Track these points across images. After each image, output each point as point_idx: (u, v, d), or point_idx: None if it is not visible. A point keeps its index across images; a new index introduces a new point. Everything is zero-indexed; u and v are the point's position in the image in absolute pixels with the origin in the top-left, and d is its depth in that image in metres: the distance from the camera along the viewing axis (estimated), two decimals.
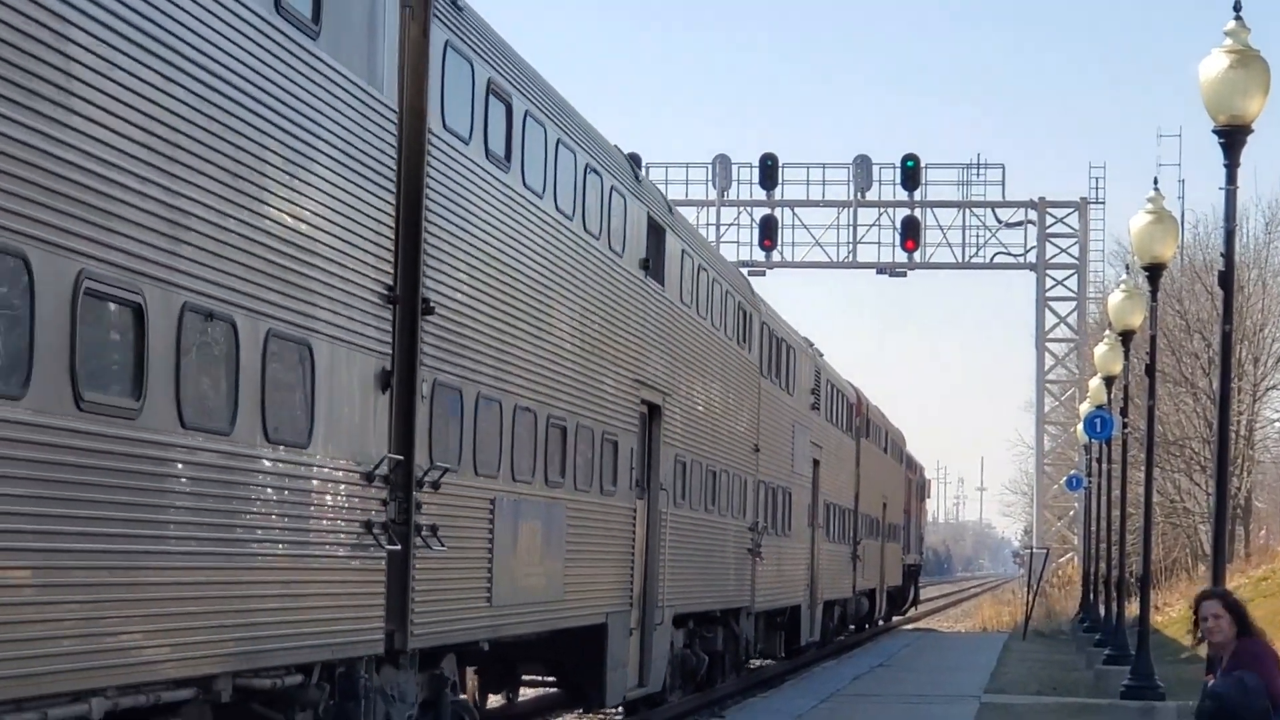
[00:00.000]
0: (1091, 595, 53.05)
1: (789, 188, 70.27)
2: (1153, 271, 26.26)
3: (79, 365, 10.48)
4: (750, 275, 51.27)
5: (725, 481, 30.31)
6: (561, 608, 20.49)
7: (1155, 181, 25.82)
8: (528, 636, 19.94)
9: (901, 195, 69.82)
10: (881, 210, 70.67)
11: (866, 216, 70.71)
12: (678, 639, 27.48)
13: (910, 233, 69.43)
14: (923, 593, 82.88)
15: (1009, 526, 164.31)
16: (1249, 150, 17.54)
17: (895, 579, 62.60)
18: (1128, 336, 32.05)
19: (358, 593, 14.60)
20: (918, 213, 70.01)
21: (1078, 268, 73.87)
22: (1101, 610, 47.26)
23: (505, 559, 18.14)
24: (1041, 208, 73.06)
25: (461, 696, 18.70)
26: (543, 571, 19.64)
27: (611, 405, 22.52)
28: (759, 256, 69.67)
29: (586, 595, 21.57)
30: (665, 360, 25.56)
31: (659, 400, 25.05)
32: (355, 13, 14.42)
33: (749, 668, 36.09)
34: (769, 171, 69.01)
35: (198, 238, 11.86)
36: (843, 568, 46.94)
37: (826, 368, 44.08)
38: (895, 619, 66.08)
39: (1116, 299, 31.99)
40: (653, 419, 24.87)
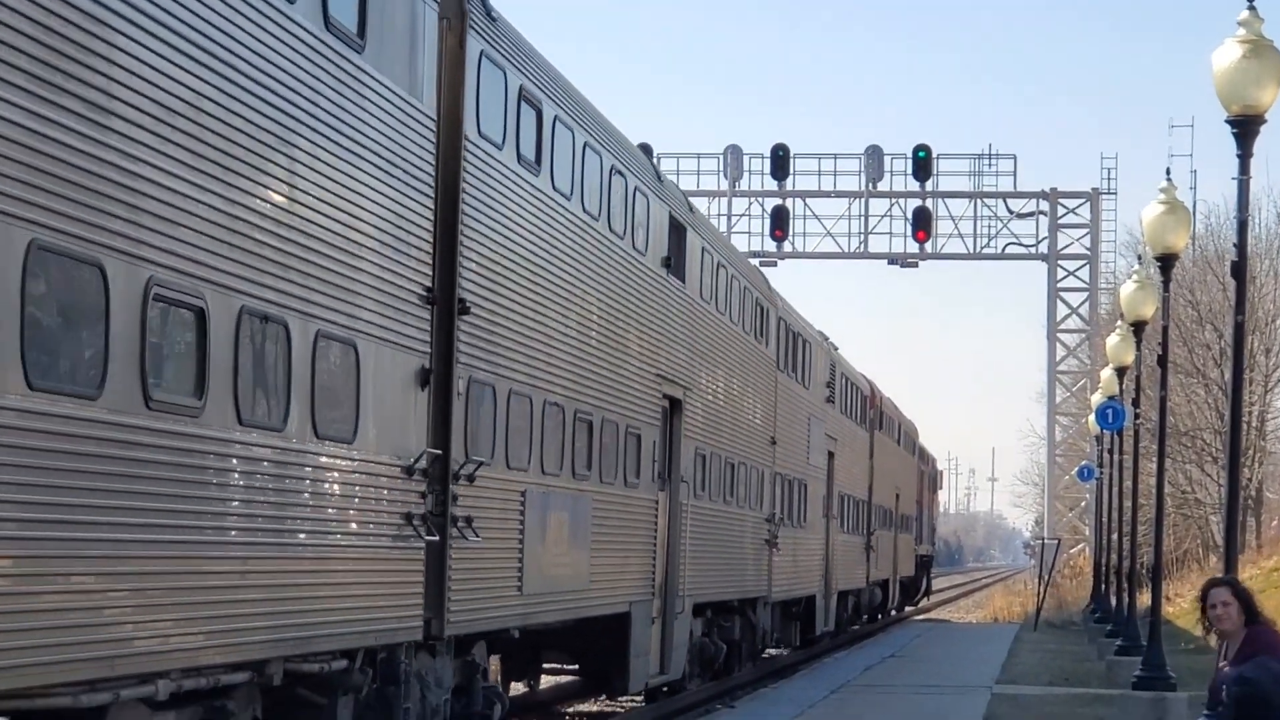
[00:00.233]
0: (1103, 586, 53.13)
1: (800, 178, 69.75)
2: (1165, 262, 25.85)
3: (148, 366, 11.07)
4: (762, 265, 51.39)
5: (743, 474, 30.83)
6: (587, 597, 21.03)
7: (1168, 172, 25.06)
8: (554, 625, 20.51)
9: (913, 186, 69.12)
10: (893, 201, 70.16)
11: (878, 207, 70.28)
12: (697, 628, 27.96)
13: (921, 223, 69.00)
14: (935, 583, 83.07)
15: (1020, 517, 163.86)
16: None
17: (908, 570, 62.95)
18: (1140, 327, 31.98)
19: (399, 582, 15.19)
20: (929, 203, 69.48)
21: (1089, 258, 73.65)
22: (1113, 601, 47.27)
23: (535, 549, 18.70)
24: (1053, 198, 72.85)
25: (492, 683, 19.30)
26: (570, 561, 20.17)
27: (635, 400, 23.06)
28: (770, 247, 69.21)
29: (611, 584, 22.09)
30: (686, 355, 26.08)
31: (680, 394, 25.56)
32: (397, 26, 14.99)
33: (764, 657, 36.55)
34: (780, 162, 68.60)
35: (254, 244, 12.45)
36: (857, 558, 47.33)
37: (841, 361, 44.48)
38: (908, 609, 66.35)
39: (1129, 289, 31.87)
40: (674, 413, 25.37)
